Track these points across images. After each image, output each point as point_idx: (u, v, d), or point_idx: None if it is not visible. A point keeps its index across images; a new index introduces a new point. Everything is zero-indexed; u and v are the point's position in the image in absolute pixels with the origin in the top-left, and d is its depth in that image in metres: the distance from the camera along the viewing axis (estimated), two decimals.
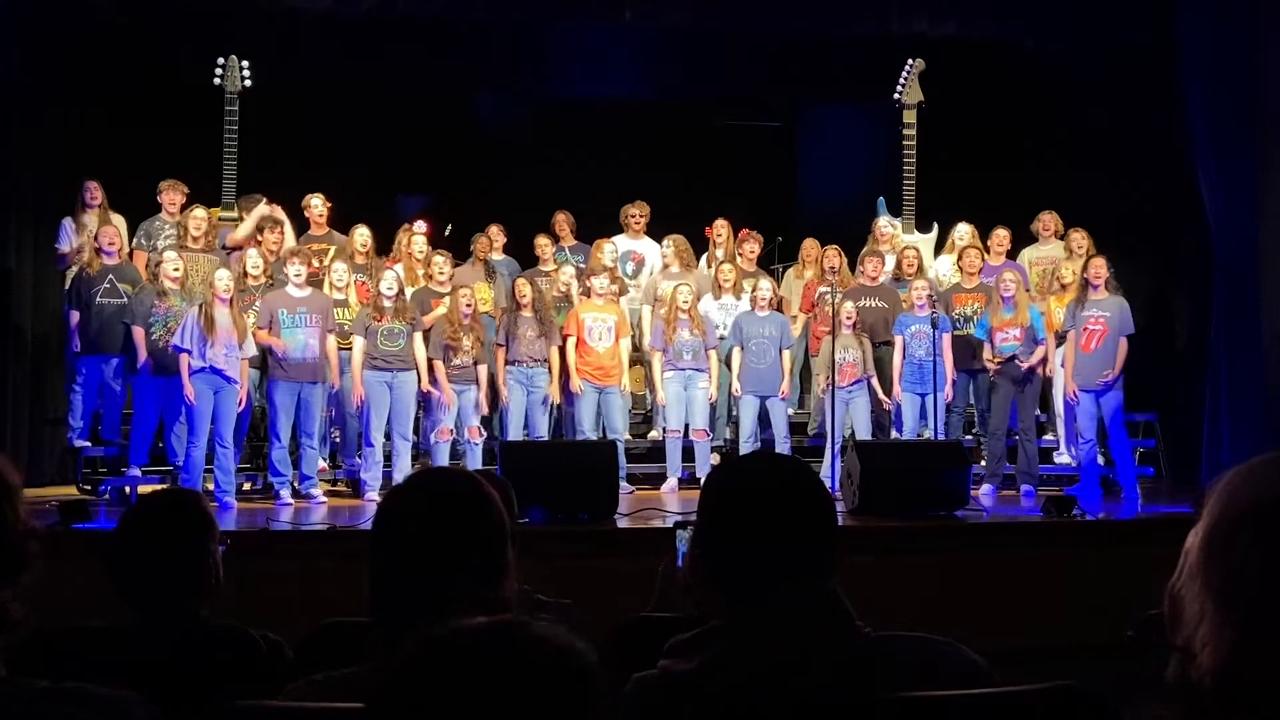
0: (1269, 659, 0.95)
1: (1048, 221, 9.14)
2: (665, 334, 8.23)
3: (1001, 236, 8.97)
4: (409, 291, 8.22)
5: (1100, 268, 7.99)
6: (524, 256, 9.34)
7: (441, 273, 8.28)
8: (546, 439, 8.11)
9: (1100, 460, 8.11)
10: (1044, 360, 8.32)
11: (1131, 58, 9.19)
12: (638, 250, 9.28)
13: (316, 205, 8.74)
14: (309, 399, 7.57)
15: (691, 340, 8.20)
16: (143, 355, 7.52)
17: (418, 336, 7.77)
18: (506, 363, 8.02)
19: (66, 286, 8.17)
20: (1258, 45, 8.19)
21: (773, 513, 1.67)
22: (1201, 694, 0.99)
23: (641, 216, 9.31)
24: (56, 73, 8.59)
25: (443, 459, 7.73)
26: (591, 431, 8.14)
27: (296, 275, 7.64)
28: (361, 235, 8.44)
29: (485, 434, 8.01)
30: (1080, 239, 8.72)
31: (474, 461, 7.78)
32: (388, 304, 7.69)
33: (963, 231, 9.03)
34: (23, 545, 1.51)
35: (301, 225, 8.80)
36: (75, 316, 7.96)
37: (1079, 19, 9.09)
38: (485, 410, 8.03)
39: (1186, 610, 1.02)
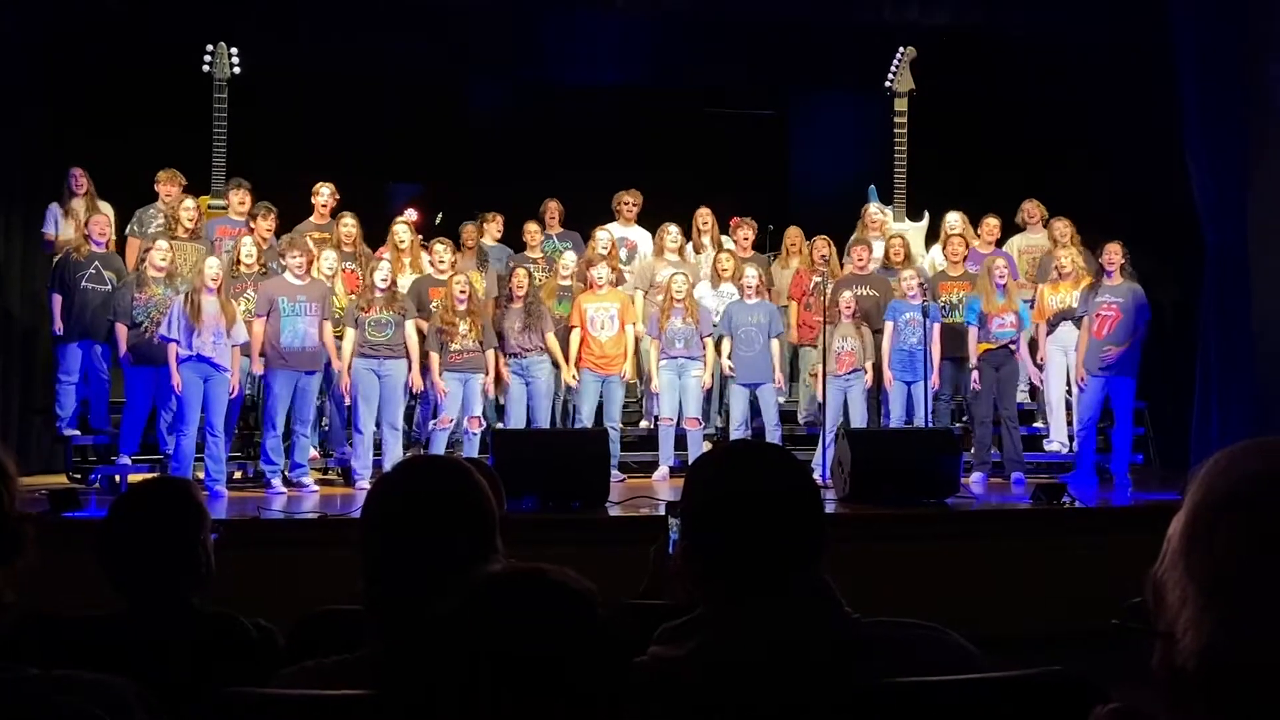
0: (1250, 643, 0.96)
1: (1031, 210, 9.16)
2: (659, 322, 8.23)
3: (991, 225, 8.99)
4: (408, 280, 8.21)
5: (1115, 254, 7.98)
6: (514, 244, 9.33)
7: (442, 260, 8.25)
8: (547, 426, 8.10)
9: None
10: (1034, 348, 8.35)
11: (1123, 46, 9.20)
12: (630, 237, 9.29)
13: (325, 194, 8.65)
14: (305, 388, 7.56)
15: (684, 328, 8.20)
16: (123, 351, 7.49)
17: (409, 326, 7.75)
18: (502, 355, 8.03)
19: (51, 270, 8.12)
20: (1249, 32, 8.21)
21: (758, 503, 1.67)
22: (1185, 679, 1.00)
23: (634, 205, 9.31)
24: (47, 60, 8.55)
25: (439, 447, 7.73)
26: (590, 420, 8.14)
27: (296, 264, 7.61)
28: (347, 225, 8.38)
29: (485, 424, 7.99)
30: (1063, 227, 8.73)
31: (471, 451, 7.76)
32: (379, 294, 7.67)
33: (953, 220, 9.04)
34: (17, 528, 1.52)
35: (300, 212, 8.74)
36: (58, 301, 7.89)
37: (1070, 7, 9.09)
38: (491, 393, 7.99)
39: (1169, 596, 1.03)
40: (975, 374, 8.10)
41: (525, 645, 1.21)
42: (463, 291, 7.84)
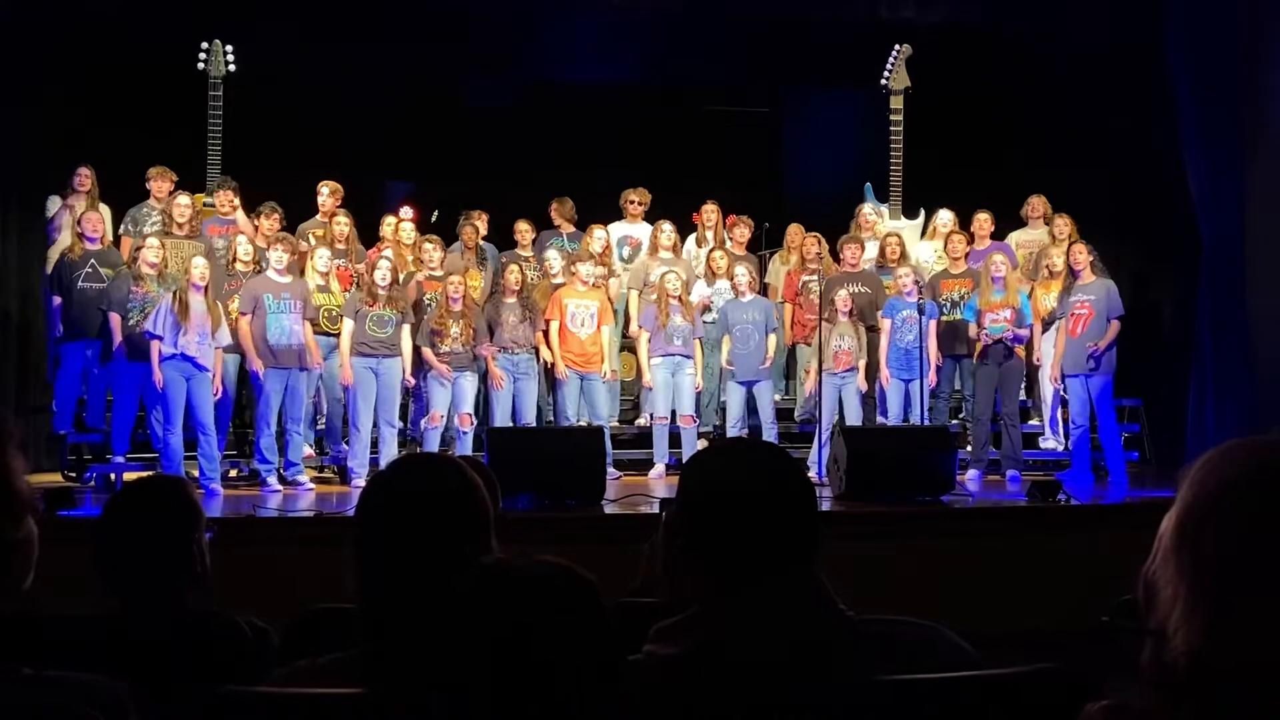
0: (1241, 641, 0.96)
1: (1036, 205, 9.16)
2: (659, 318, 8.23)
3: (982, 220, 9.00)
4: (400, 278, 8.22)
5: (1081, 253, 8.05)
6: (510, 242, 9.31)
7: (432, 259, 8.25)
8: (534, 425, 8.11)
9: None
10: (1030, 346, 8.35)
11: (1121, 44, 9.19)
12: (635, 235, 9.28)
13: (324, 194, 8.65)
14: (296, 385, 7.56)
15: (684, 326, 8.21)
16: (118, 341, 7.49)
17: (406, 328, 7.76)
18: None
19: (49, 271, 8.12)
20: (1244, 30, 8.22)
21: (752, 501, 1.67)
22: (1175, 677, 1.00)
23: (641, 203, 9.30)
24: (43, 59, 8.52)
25: (433, 445, 7.74)
26: (575, 417, 8.15)
27: (279, 261, 7.60)
28: (340, 224, 8.39)
29: (475, 422, 8.00)
30: (1063, 224, 8.74)
31: (464, 449, 7.77)
32: (381, 291, 7.67)
33: (945, 218, 9.04)
34: (10, 551, 1.52)
35: (295, 210, 8.72)
36: (57, 301, 7.91)
37: (1068, 5, 9.09)
38: (500, 387, 7.98)
39: (1160, 594, 1.03)
40: (981, 348, 8.06)
41: (530, 630, 1.24)
42: (456, 293, 7.84)
